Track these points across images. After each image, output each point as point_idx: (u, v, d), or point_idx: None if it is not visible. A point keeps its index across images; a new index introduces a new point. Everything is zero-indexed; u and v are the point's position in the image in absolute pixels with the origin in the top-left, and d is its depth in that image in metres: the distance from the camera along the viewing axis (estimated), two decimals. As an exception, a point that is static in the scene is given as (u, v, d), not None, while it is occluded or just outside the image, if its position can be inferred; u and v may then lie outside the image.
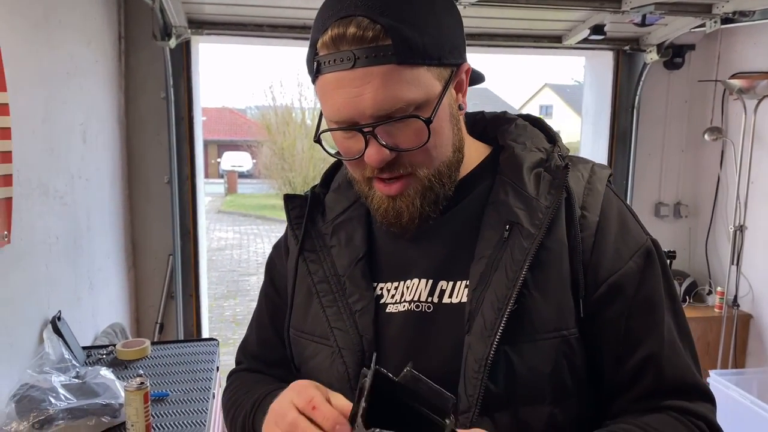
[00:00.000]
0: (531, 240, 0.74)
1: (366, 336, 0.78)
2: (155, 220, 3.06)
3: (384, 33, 0.68)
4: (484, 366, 0.71)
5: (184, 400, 1.75)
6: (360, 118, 0.71)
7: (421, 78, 0.71)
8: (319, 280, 0.84)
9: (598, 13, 2.84)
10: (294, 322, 0.87)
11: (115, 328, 2.51)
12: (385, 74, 0.69)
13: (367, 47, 0.68)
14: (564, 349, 0.74)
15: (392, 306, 0.80)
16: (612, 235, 0.77)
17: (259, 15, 2.94)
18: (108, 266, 2.65)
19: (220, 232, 11.92)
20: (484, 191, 0.81)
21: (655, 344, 0.75)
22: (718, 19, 2.84)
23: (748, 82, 3.05)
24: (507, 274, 0.74)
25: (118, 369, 1.91)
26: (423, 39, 0.70)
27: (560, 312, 0.74)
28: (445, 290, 0.79)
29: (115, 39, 2.79)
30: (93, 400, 1.51)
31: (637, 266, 0.76)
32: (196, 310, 3.25)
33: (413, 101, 0.70)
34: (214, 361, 2.02)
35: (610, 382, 0.77)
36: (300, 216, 0.89)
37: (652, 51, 3.31)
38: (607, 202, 0.79)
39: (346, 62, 0.69)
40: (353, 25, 0.68)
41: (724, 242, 3.41)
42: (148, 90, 2.95)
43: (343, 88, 0.70)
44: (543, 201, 0.76)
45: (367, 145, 0.72)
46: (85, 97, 2.34)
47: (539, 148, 0.83)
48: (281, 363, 0.92)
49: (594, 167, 0.82)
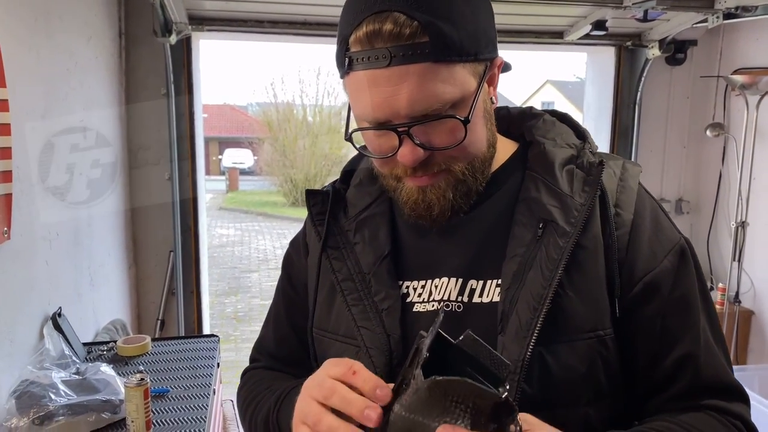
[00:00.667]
0: (566, 238, 0.73)
1: (393, 335, 0.77)
2: (156, 217, 3.06)
3: (421, 30, 0.66)
4: (521, 368, 0.70)
5: (185, 396, 1.75)
6: (394, 117, 0.69)
7: (457, 75, 0.69)
8: (343, 278, 0.82)
9: (600, 9, 2.83)
10: (317, 320, 0.86)
11: (116, 325, 2.51)
12: (422, 73, 0.67)
13: (404, 45, 0.66)
14: (600, 350, 0.73)
15: (420, 305, 0.79)
16: (646, 234, 0.76)
17: (259, 11, 2.93)
18: (109, 262, 2.65)
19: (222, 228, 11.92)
20: (513, 187, 0.80)
21: (692, 343, 0.74)
22: (721, 15, 2.82)
23: (750, 77, 3.04)
24: (542, 273, 0.72)
25: (118, 365, 1.91)
26: (460, 35, 0.68)
27: (596, 312, 0.73)
28: (475, 289, 0.77)
29: (116, 35, 2.78)
30: (93, 396, 1.51)
31: (671, 265, 0.75)
32: (197, 306, 3.25)
33: (449, 100, 0.69)
34: (214, 357, 2.02)
35: (645, 381, 0.76)
36: (322, 212, 0.87)
37: (654, 47, 3.30)
38: (641, 200, 0.78)
39: (382, 60, 0.67)
40: (389, 21, 0.66)
41: (725, 238, 3.40)
42: (149, 86, 2.94)
43: (377, 87, 0.68)
44: (578, 198, 0.75)
45: (400, 144, 0.70)
46: (85, 93, 2.33)
47: (569, 144, 0.81)
48: (299, 362, 0.90)
49: (625, 164, 0.80)
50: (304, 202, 0.90)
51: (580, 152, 0.80)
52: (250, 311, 6.50)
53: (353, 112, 0.74)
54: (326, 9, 2.87)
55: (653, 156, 3.59)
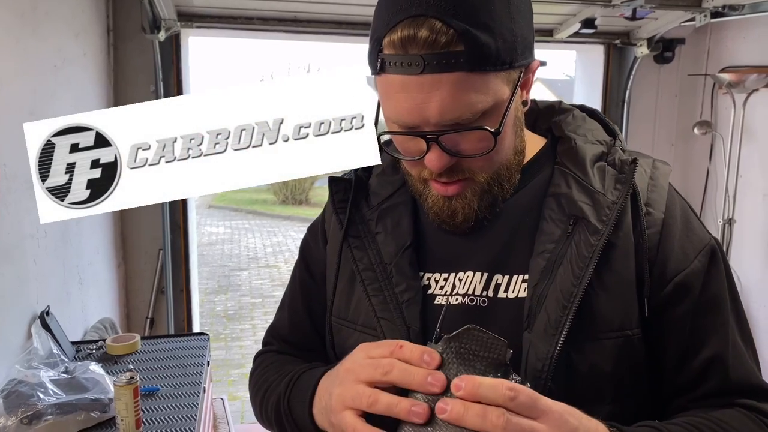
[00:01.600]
0: (598, 236, 0.72)
1: (413, 327, 0.76)
2: (145, 215, 3.04)
3: (457, 38, 0.64)
4: (549, 365, 0.69)
5: (175, 394, 1.74)
6: (424, 124, 0.68)
7: (490, 84, 0.67)
8: (364, 268, 0.81)
9: (589, 7, 2.84)
10: (336, 309, 0.85)
11: (105, 323, 2.50)
12: (455, 82, 0.65)
13: (438, 53, 0.64)
14: (627, 349, 0.72)
15: (442, 298, 0.78)
16: (677, 234, 0.75)
17: (249, 8, 2.92)
18: (98, 261, 2.63)
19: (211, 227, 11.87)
20: (542, 182, 0.79)
21: (721, 345, 0.74)
22: (708, 13, 2.85)
23: (737, 76, 3.07)
24: (573, 270, 0.71)
25: (107, 364, 1.90)
26: (497, 44, 0.66)
27: (625, 311, 0.72)
28: (501, 284, 0.76)
29: (104, 31, 2.76)
30: (82, 395, 1.50)
31: (702, 265, 0.74)
32: (186, 305, 3.24)
33: (481, 110, 0.68)
34: (204, 355, 2.02)
35: (672, 382, 0.76)
36: (344, 200, 0.86)
37: (642, 45, 3.32)
38: (671, 199, 0.77)
39: (415, 67, 0.65)
40: (425, 27, 0.64)
41: (713, 235, 3.43)
42: (138, 83, 2.92)
43: (408, 93, 0.67)
44: (609, 196, 0.74)
45: (428, 149, 0.69)
46: (73, 89, 2.31)
47: (600, 140, 0.80)
48: (313, 347, 0.90)
49: (656, 162, 0.80)
50: (294, 200, 0.90)
51: (611, 149, 0.79)
52: (239, 309, 6.47)
53: (383, 112, 0.72)
54: (316, 6, 2.87)
55: (642, 154, 3.61)
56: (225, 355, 5.09)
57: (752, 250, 3.25)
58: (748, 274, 3.28)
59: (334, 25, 3.07)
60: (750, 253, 3.26)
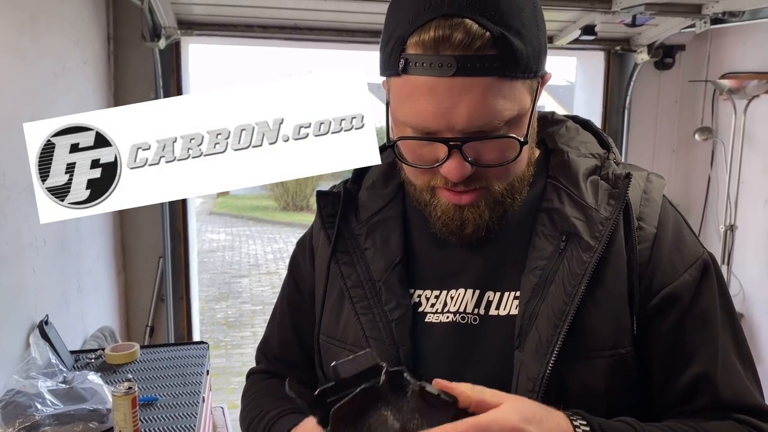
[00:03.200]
0: (591, 253, 0.70)
1: (403, 347, 0.74)
2: (145, 223, 3.03)
3: (492, 42, 0.62)
4: (539, 385, 0.67)
5: (174, 404, 1.73)
6: (448, 130, 0.65)
7: (517, 92, 0.65)
8: (352, 285, 0.79)
9: (589, 14, 2.84)
10: (324, 327, 0.83)
11: (105, 332, 2.49)
12: (486, 87, 0.63)
13: (473, 56, 0.62)
14: (620, 368, 0.70)
15: (433, 316, 0.76)
16: (667, 248, 0.73)
17: (249, 15, 2.92)
18: (97, 269, 2.62)
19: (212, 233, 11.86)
20: (535, 196, 0.77)
21: (708, 362, 0.71)
22: (708, 20, 2.85)
23: (737, 82, 3.07)
24: (565, 288, 0.70)
25: (106, 373, 1.89)
26: (527, 50, 0.64)
27: (617, 329, 0.70)
28: (492, 301, 0.74)
29: (104, 39, 2.76)
30: (80, 406, 1.49)
31: (692, 279, 0.72)
32: (186, 312, 3.22)
33: (508, 117, 0.65)
34: (204, 364, 2.01)
35: (660, 399, 0.73)
36: (333, 214, 0.83)
37: (642, 51, 3.32)
38: (664, 214, 0.75)
39: (447, 69, 0.62)
40: (461, 29, 0.61)
41: (714, 242, 3.41)
42: (138, 91, 2.92)
43: (435, 96, 0.64)
44: (603, 212, 0.72)
45: (449, 156, 0.66)
46: (73, 97, 2.31)
47: (593, 154, 0.78)
48: (302, 365, 0.89)
49: (650, 176, 0.78)
50: (295, 206, 0.89)
51: (604, 162, 0.77)
52: (240, 317, 6.46)
53: (397, 115, 0.69)
54: (316, 14, 2.87)
55: (643, 160, 3.60)
56: (225, 362, 5.07)
57: (754, 256, 3.23)
58: (749, 281, 3.26)
59: (335, 33, 3.08)
60: (752, 259, 3.24)
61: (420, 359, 0.74)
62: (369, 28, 3.04)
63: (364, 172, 0.88)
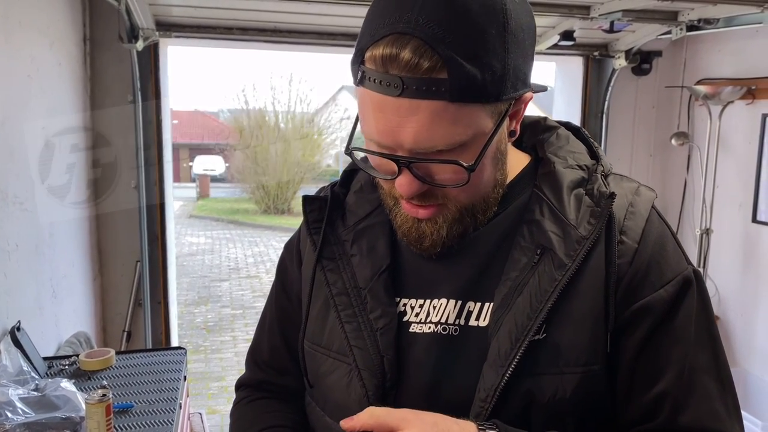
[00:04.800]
0: (562, 271, 0.68)
1: (387, 356, 0.73)
2: (122, 227, 2.99)
3: (441, 65, 0.60)
4: (492, 396, 0.66)
5: (150, 411, 1.70)
6: (397, 147, 0.64)
7: (472, 117, 0.63)
8: (338, 292, 0.77)
9: (568, 19, 2.87)
10: (310, 334, 0.81)
11: (80, 338, 2.44)
12: (434, 111, 0.61)
13: (420, 78, 0.60)
14: (591, 384, 0.68)
15: (417, 326, 0.75)
16: (646, 262, 0.70)
17: (228, 18, 2.90)
18: (72, 274, 2.58)
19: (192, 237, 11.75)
20: (520, 206, 0.75)
21: (672, 381, 0.69)
22: (684, 27, 2.89)
23: (712, 88, 3.12)
24: (531, 302, 0.68)
25: (81, 380, 1.85)
26: (484, 76, 0.61)
27: (592, 345, 0.69)
28: (473, 311, 0.73)
29: (80, 40, 2.72)
30: (52, 414, 1.46)
31: (668, 295, 0.70)
32: (164, 317, 3.19)
33: (458, 141, 0.63)
34: (181, 370, 1.98)
35: (621, 417, 0.72)
36: (319, 219, 0.82)
37: (620, 57, 3.36)
38: (649, 228, 0.72)
39: (393, 89, 0.61)
40: (409, 48, 0.60)
41: (690, 245, 3.46)
42: (115, 93, 2.88)
43: (383, 113, 0.63)
44: (581, 230, 0.70)
45: (399, 172, 0.66)
46: (47, 99, 2.27)
47: (581, 165, 0.76)
48: (292, 371, 0.88)
49: (640, 188, 0.76)
50: (276, 209, 0.88)
51: (591, 175, 0.75)
52: (220, 321, 6.40)
53: (361, 124, 0.68)
54: (297, 17, 2.86)
55: (620, 164, 3.64)
56: (204, 367, 5.02)
57: (729, 259, 3.28)
58: (724, 284, 3.32)
59: (315, 36, 3.07)
60: (727, 262, 3.29)
61: (404, 369, 0.73)
62: (349, 31, 3.04)
63: (352, 175, 0.86)
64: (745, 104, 3.12)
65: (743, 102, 3.11)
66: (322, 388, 0.79)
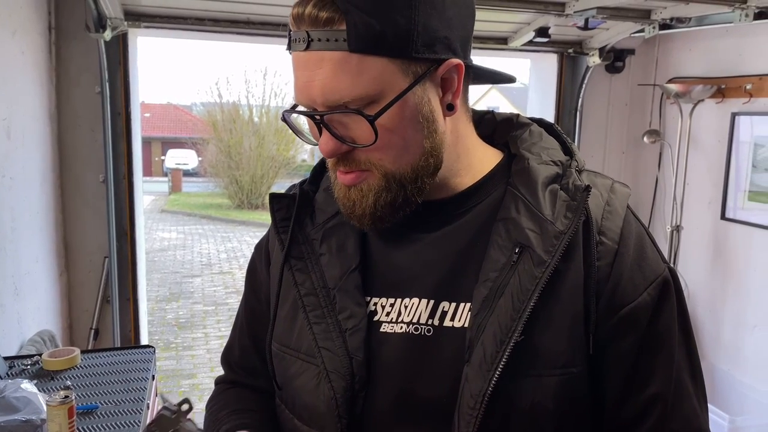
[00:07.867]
0: (542, 268, 0.67)
1: (356, 358, 0.71)
2: (90, 221, 2.91)
3: (339, 17, 0.63)
4: (481, 402, 0.65)
5: (115, 412, 1.65)
6: (313, 104, 0.67)
7: (378, 70, 0.64)
8: (306, 293, 0.76)
9: (543, 16, 2.87)
10: (278, 335, 0.79)
11: (44, 336, 2.37)
12: (337, 61, 0.64)
13: (321, 30, 0.64)
14: (571, 386, 0.68)
15: (387, 326, 0.73)
16: (628, 264, 0.70)
17: (199, 8, 2.83)
18: (36, 270, 2.50)
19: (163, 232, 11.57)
20: (493, 203, 0.74)
21: (664, 384, 0.70)
22: (657, 25, 2.92)
23: (684, 86, 3.15)
24: (513, 303, 0.67)
25: (43, 381, 1.80)
26: (385, 28, 0.63)
27: (572, 347, 0.68)
28: (447, 312, 0.71)
29: (45, 29, 2.63)
30: (11, 417, 1.41)
31: (651, 299, 0.70)
32: (133, 314, 3.11)
33: (363, 94, 0.64)
34: (149, 369, 1.93)
35: (611, 421, 0.72)
36: (287, 218, 0.80)
37: (594, 54, 3.38)
38: (627, 227, 0.72)
39: (301, 43, 0.65)
40: (311, 4, 0.64)
41: (662, 242, 3.52)
42: (82, 84, 2.80)
43: (299, 70, 0.67)
44: (558, 225, 0.69)
45: (320, 132, 0.68)
46: (8, 90, 2.19)
47: (555, 161, 0.75)
48: (262, 373, 0.86)
49: (614, 185, 0.75)
50: (250, 204, 0.86)
51: (565, 171, 0.74)
52: (192, 317, 6.31)
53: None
54: (270, 8, 2.81)
55: (594, 161, 3.67)
56: (176, 365, 4.95)
57: (698, 255, 3.34)
58: (694, 280, 3.37)
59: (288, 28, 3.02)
60: (697, 259, 3.35)
61: (373, 370, 0.72)
62: (324, 24, 2.99)
63: (322, 173, 0.84)
64: (715, 103, 3.17)
65: (713, 101, 3.16)
66: (291, 390, 0.77)
